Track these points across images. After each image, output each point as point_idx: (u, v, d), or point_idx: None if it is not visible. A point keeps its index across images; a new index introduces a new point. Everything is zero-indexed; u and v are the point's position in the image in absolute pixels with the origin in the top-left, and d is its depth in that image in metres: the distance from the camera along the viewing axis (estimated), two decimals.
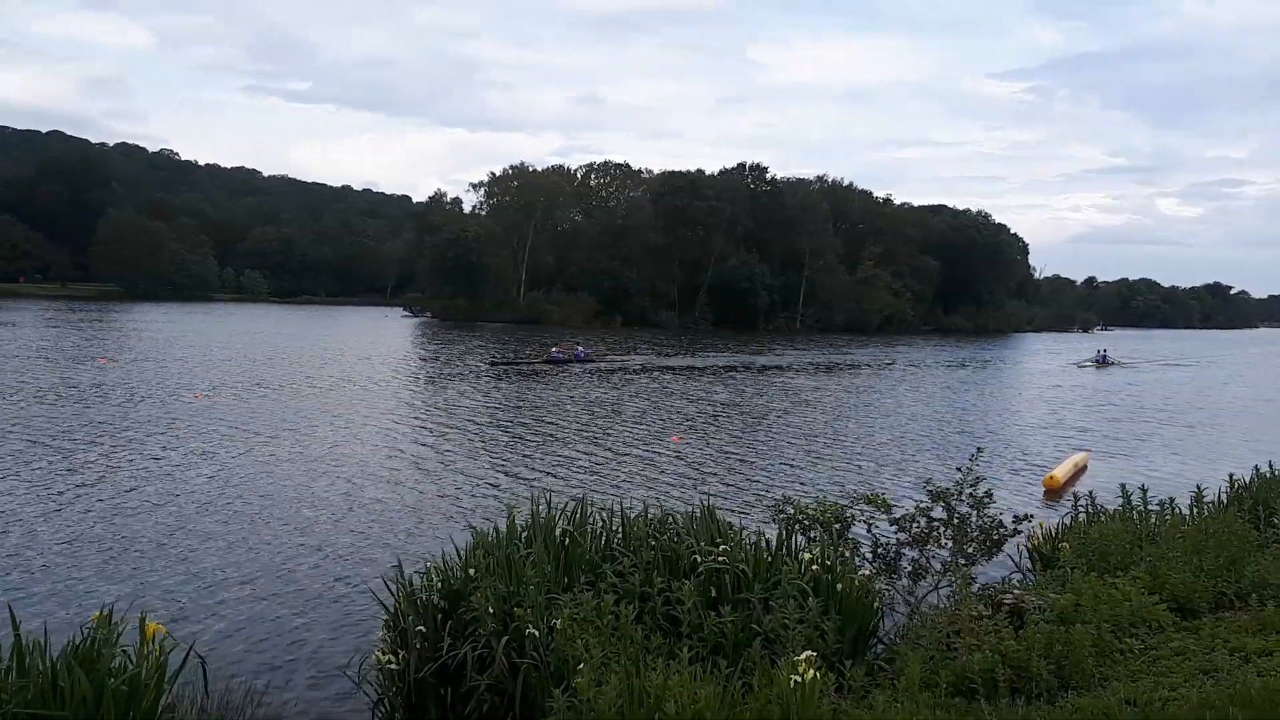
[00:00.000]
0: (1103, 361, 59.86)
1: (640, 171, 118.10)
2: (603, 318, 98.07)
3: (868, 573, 7.63)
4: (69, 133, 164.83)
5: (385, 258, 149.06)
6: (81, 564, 10.74)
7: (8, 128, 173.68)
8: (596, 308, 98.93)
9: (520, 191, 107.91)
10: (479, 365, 44.08)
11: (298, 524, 13.05)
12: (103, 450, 18.05)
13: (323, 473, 16.98)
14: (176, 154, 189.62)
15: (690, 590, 6.42)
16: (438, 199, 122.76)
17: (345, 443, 20.49)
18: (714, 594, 6.68)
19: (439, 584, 6.71)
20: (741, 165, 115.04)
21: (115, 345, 45.76)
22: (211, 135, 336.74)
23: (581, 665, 5.40)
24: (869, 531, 8.93)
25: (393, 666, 6.27)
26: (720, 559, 6.81)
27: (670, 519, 7.92)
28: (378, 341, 60.14)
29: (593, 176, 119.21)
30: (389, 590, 6.77)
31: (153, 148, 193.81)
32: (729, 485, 17.20)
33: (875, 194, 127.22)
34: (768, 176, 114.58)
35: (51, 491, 14.36)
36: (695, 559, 6.96)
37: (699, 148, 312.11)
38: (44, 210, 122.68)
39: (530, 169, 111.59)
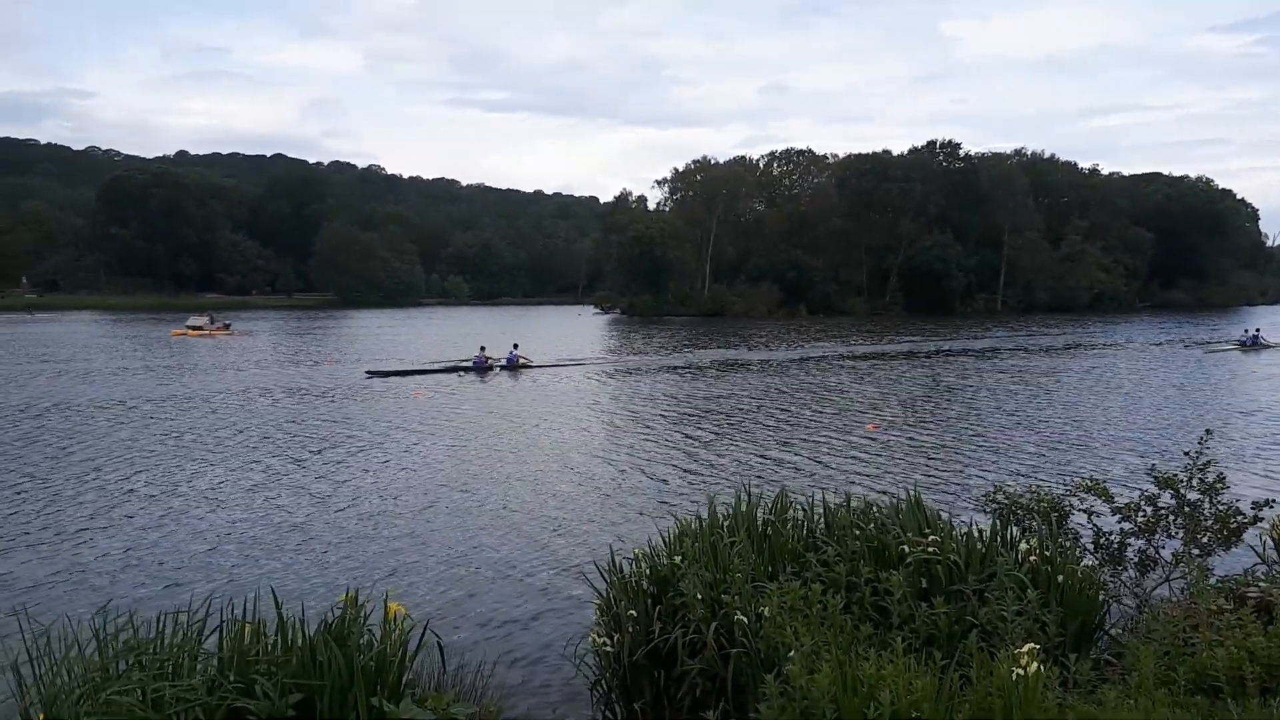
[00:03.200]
0: (1253, 344, 48.28)
1: (824, 157, 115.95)
2: (787, 307, 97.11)
3: (1090, 564, 7.23)
4: (290, 155, 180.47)
5: (575, 257, 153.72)
6: (329, 550, 11.80)
7: (239, 153, 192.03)
8: (780, 297, 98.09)
9: (703, 185, 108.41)
10: (663, 359, 44.71)
11: (515, 514, 13.74)
12: (345, 446, 19.68)
13: (530, 463, 17.80)
14: (383, 168, 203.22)
15: (899, 580, 6.30)
16: (623, 198, 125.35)
17: (550, 435, 21.34)
18: (924, 585, 6.53)
19: (647, 570, 6.90)
20: (931, 143, 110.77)
21: (338, 348, 49.57)
22: (415, 148, 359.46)
23: (792, 653, 5.42)
24: (1089, 521, 8.45)
25: (608, 649, 6.52)
26: (930, 549, 6.65)
27: (874, 509, 7.79)
28: (572, 337, 62.12)
29: (775, 165, 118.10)
30: (600, 575, 7.03)
31: (362, 164, 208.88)
32: (933, 474, 16.66)
33: (1080, 165, 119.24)
34: (960, 153, 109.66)
35: (303, 484, 15.82)
36: (903, 549, 6.82)
37: (887, 129, 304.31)
38: (271, 228, 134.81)
39: (713, 162, 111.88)
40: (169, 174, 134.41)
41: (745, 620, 6.02)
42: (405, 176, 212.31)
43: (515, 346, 38.72)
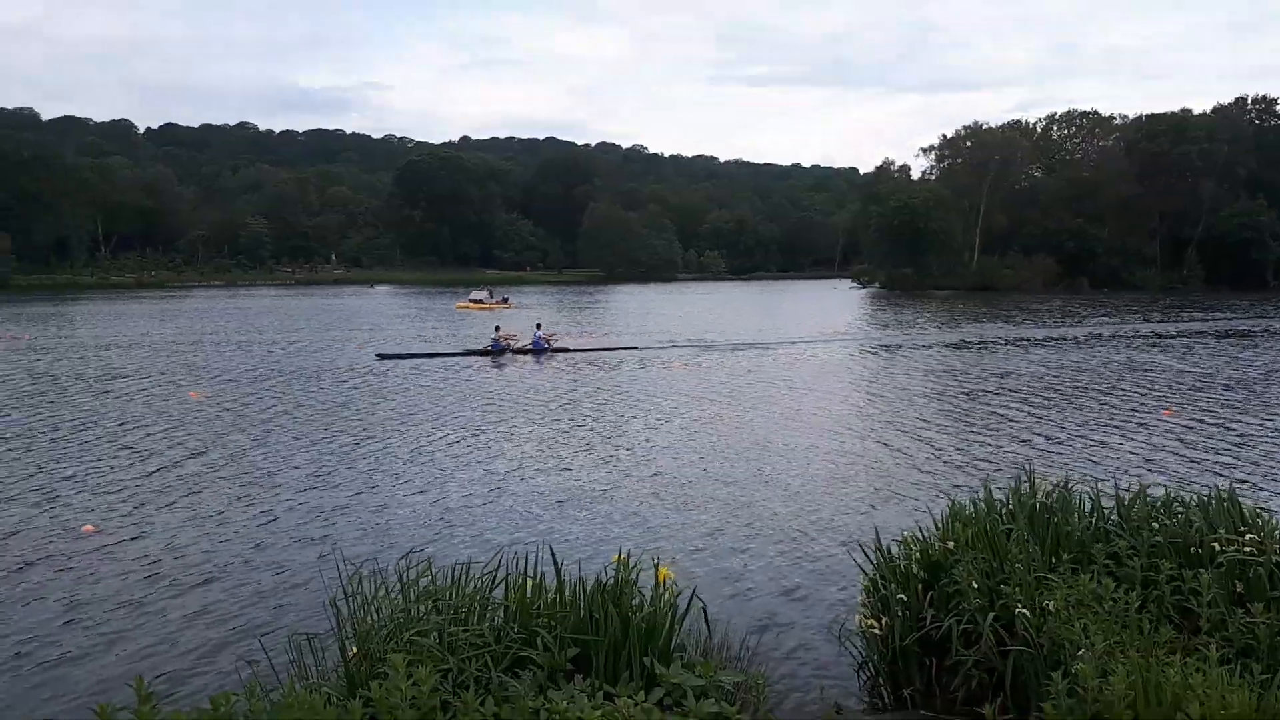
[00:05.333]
0: None
1: (1111, 118, 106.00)
2: (1065, 280, 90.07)
3: None
4: (560, 138, 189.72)
5: (832, 231, 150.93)
6: (602, 512, 12.39)
7: (514, 137, 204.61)
8: (1056, 270, 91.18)
9: (973, 152, 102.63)
10: (927, 335, 42.86)
11: (776, 486, 13.77)
12: (614, 414, 20.59)
13: (793, 437, 17.71)
14: (645, 148, 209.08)
15: (1209, 581, 5.66)
16: (885, 168, 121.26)
17: (810, 411, 21.14)
18: (1238, 589, 5.82)
19: (918, 554, 6.64)
20: (1241, 100, 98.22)
21: (604, 321, 51.75)
22: (676, 127, 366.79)
23: (1081, 651, 5.02)
24: None
25: (875, 631, 6.36)
26: (1247, 549, 5.92)
27: (1176, 501, 7.04)
28: (829, 311, 61.09)
29: (1054, 129, 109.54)
30: (867, 556, 6.85)
31: (626, 144, 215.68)
32: (1251, 467, 14.81)
33: None
34: (1278, 109, 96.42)
35: (578, 448, 16.73)
36: (1214, 547, 6.11)
37: (1189, 86, 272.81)
38: (542, 207, 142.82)
39: (985, 127, 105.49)
40: (453, 158, 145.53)
41: (1027, 613, 5.65)
42: (666, 155, 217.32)
43: (538, 327, 35.86)
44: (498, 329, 34.77)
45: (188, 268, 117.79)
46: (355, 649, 5.10)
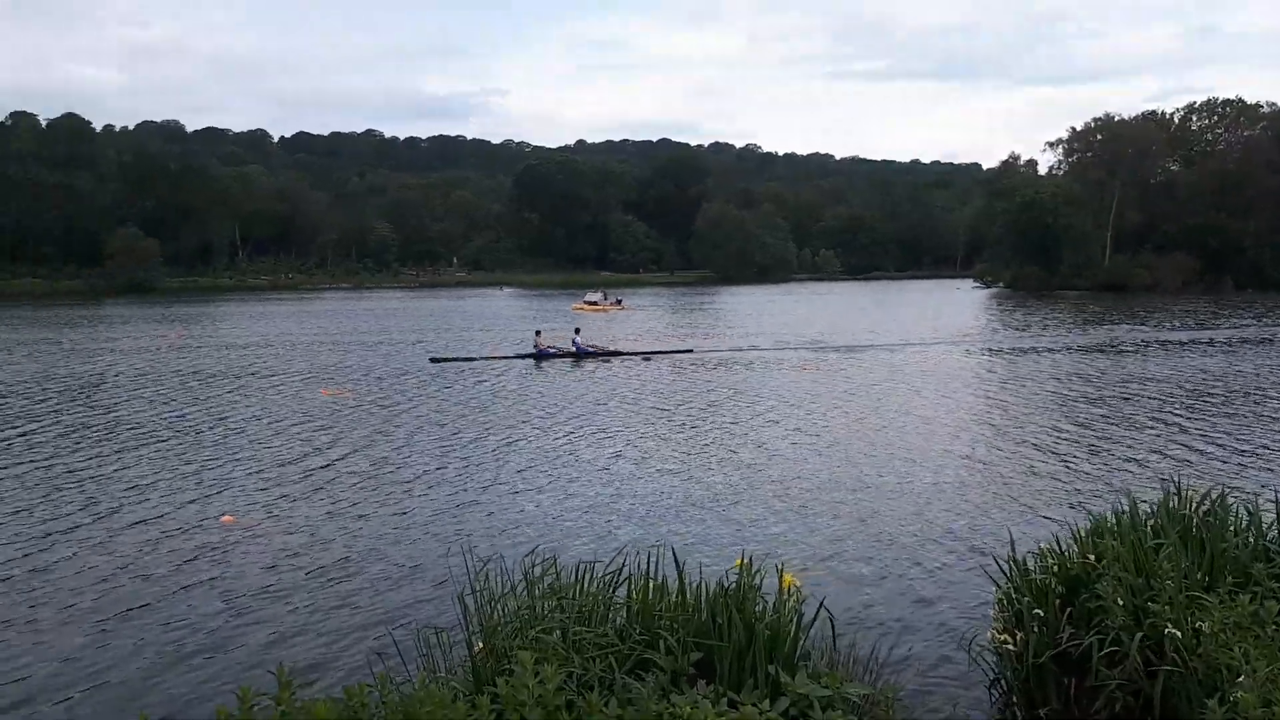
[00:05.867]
0: None
1: (1257, 106, 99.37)
2: (1206, 279, 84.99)
3: None
4: (675, 138, 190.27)
5: (953, 229, 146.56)
6: (724, 514, 12.31)
7: (629, 139, 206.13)
8: (1196, 269, 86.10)
9: (1104, 145, 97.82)
10: (1058, 337, 41.10)
11: (903, 493, 13.44)
12: (731, 415, 20.50)
13: (921, 442, 17.29)
14: (759, 147, 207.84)
15: None
16: (1010, 163, 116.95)
17: (936, 415, 20.57)
18: None
19: (1055, 567, 6.32)
20: None
21: (717, 323, 51.60)
22: (791, 125, 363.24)
23: (1241, 678, 4.67)
24: None
25: (1009, 647, 6.08)
26: None
27: None
28: (952, 312, 59.31)
29: (1194, 119, 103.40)
30: (1000, 568, 6.56)
31: (740, 143, 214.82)
32: None
33: None
34: None
35: (695, 450, 16.72)
36: None
37: None
38: (656, 208, 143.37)
39: (1116, 119, 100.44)
40: (570, 162, 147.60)
41: (1178, 634, 5.30)
42: (780, 153, 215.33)
43: (577, 332, 34.96)
44: (538, 334, 35.16)
45: (319, 271, 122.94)
46: (482, 644, 5.18)
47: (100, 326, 51.92)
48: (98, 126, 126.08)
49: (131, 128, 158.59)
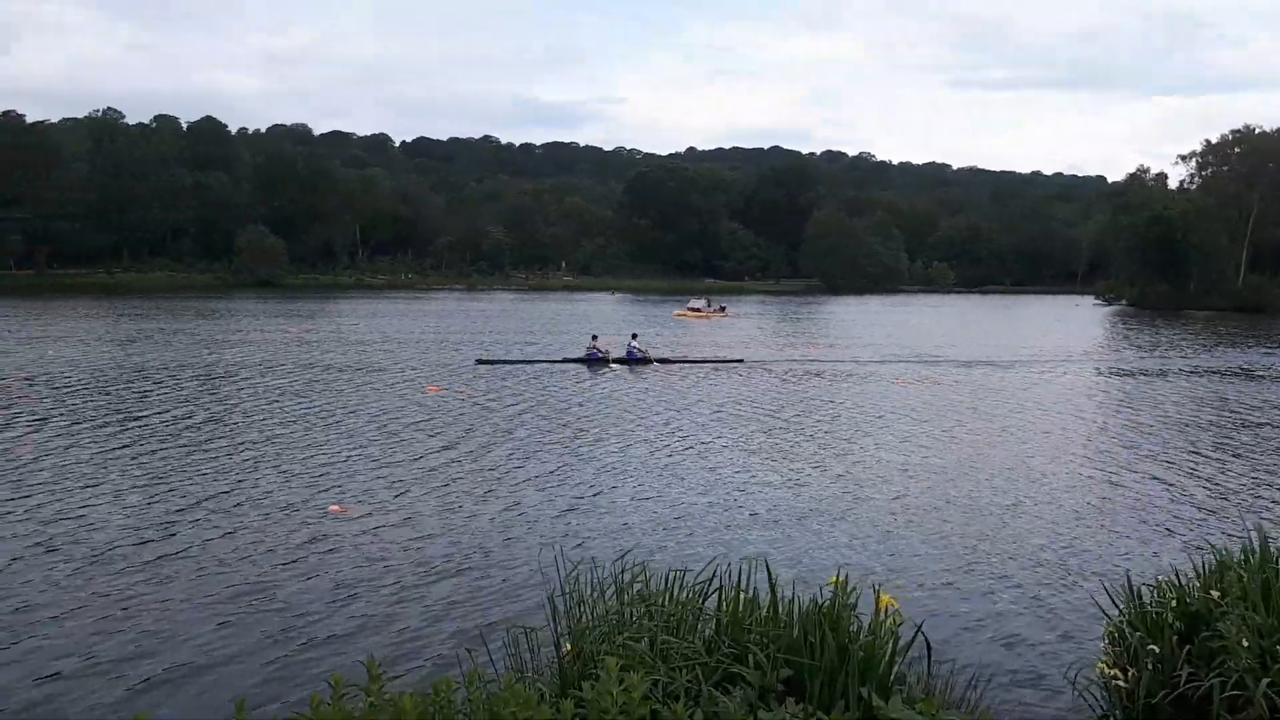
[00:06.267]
0: None
1: None
2: None
3: None
4: (786, 146, 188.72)
5: (1075, 243, 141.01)
6: (819, 530, 12.11)
7: (739, 147, 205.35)
8: None
9: (1242, 158, 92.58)
10: (1186, 360, 38.99)
11: (1012, 515, 13.02)
12: (832, 428, 20.18)
13: (1035, 464, 16.69)
14: (872, 155, 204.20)
15: None
16: (1138, 176, 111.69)
17: (1054, 434, 19.87)
18: None
19: (1173, 602, 5.96)
20: None
21: (821, 332, 50.87)
22: (907, 134, 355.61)
23: None
24: None
25: (1119, 683, 5.75)
26: None
27: None
28: (1072, 329, 57.00)
29: None
30: (1112, 599, 6.23)
31: (853, 151, 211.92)
32: None
33: None
34: None
35: (795, 463, 16.50)
36: None
37: None
38: (765, 216, 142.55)
39: (1257, 131, 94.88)
40: (680, 169, 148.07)
41: None
42: (895, 162, 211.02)
43: (634, 337, 34.21)
44: (594, 338, 34.06)
45: (434, 272, 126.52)
46: (569, 647, 5.19)
47: (229, 319, 54.59)
48: (233, 129, 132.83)
49: (264, 130, 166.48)
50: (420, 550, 10.93)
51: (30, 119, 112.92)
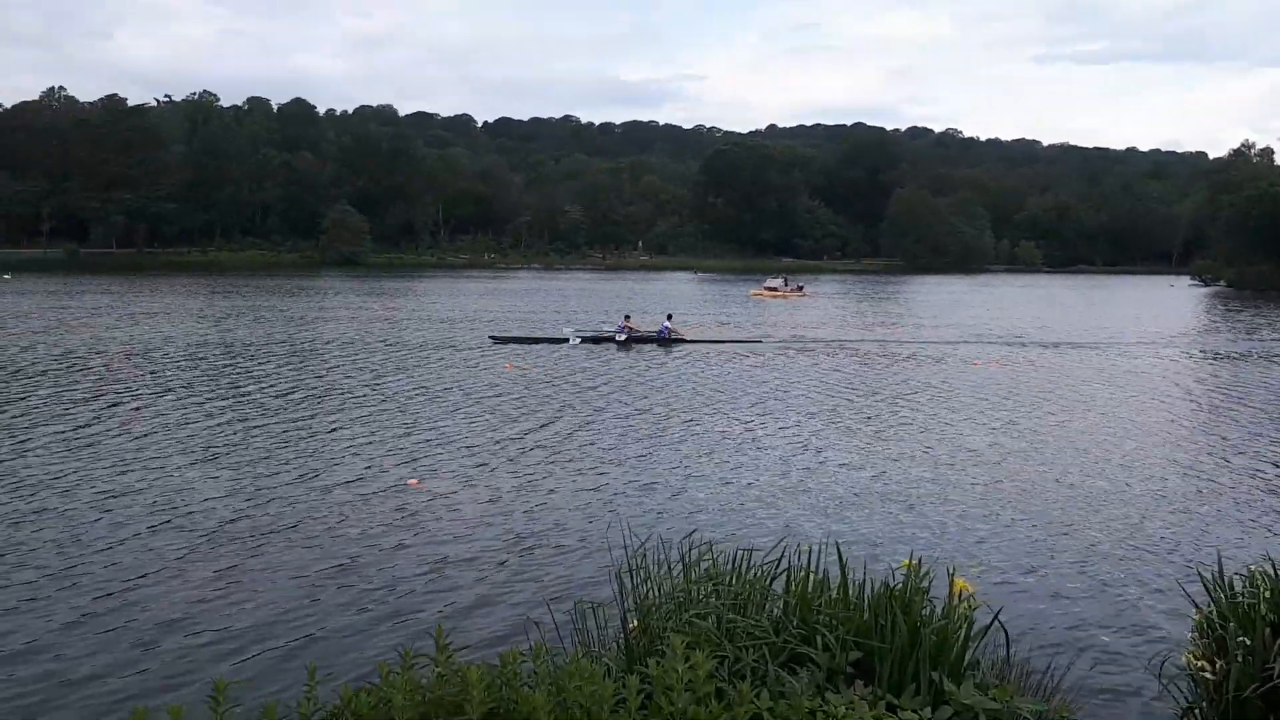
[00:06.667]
0: None
1: None
2: None
3: None
4: (869, 123, 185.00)
5: (1170, 222, 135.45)
6: (893, 512, 11.90)
7: (820, 124, 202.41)
8: None
9: None
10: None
11: (1097, 499, 12.61)
12: (909, 409, 19.86)
13: (1124, 448, 16.13)
14: (959, 131, 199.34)
15: None
16: (1241, 152, 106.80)
17: (1147, 418, 19.20)
18: None
19: (1267, 592, 5.70)
20: None
21: (902, 312, 49.94)
22: (995, 109, 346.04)
23: None
24: None
25: (1206, 675, 5.53)
26: None
27: None
28: (1167, 311, 54.88)
29: None
30: (1204, 588, 5.99)
31: (939, 128, 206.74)
32: None
33: None
34: None
35: (867, 443, 16.29)
36: None
37: None
38: (845, 194, 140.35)
39: None
40: (758, 147, 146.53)
41: None
42: (983, 139, 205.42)
43: (669, 318, 33.50)
44: (627, 318, 33.90)
45: (512, 251, 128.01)
46: (636, 623, 5.20)
47: (316, 297, 56.12)
48: (320, 110, 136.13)
49: (350, 112, 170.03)
50: (494, 525, 11.10)
51: (131, 103, 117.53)
